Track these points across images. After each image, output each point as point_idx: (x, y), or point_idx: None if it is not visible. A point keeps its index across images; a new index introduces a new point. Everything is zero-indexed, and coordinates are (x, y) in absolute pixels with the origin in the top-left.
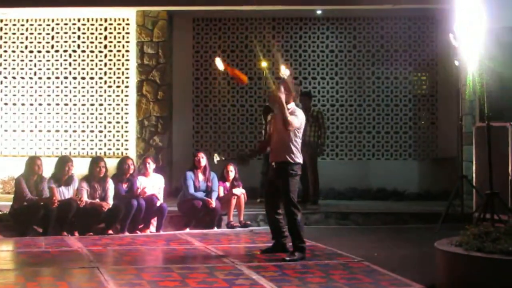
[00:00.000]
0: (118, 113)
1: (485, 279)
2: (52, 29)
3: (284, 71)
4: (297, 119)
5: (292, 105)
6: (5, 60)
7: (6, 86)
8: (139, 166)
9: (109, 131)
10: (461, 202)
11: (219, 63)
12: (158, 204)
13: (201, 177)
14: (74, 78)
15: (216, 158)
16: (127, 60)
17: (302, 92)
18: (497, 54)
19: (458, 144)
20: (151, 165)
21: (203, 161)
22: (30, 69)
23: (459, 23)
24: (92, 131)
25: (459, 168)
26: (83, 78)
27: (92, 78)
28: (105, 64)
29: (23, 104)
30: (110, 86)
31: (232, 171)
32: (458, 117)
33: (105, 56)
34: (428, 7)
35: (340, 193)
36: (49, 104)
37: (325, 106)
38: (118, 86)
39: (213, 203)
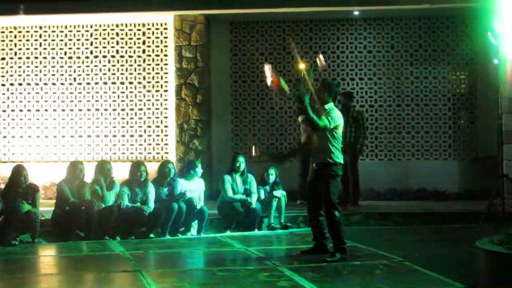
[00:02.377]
0: (157, 117)
1: None
2: (91, 35)
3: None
4: (328, 119)
5: (329, 105)
6: (45, 66)
7: (46, 93)
8: (180, 169)
9: (149, 135)
10: (502, 202)
11: (268, 72)
12: (198, 207)
13: (239, 180)
14: (113, 83)
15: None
16: (165, 64)
17: (342, 93)
18: None
19: (498, 143)
20: (198, 169)
21: (243, 165)
22: (70, 75)
23: (498, 21)
24: (132, 136)
25: (499, 167)
26: (122, 83)
27: (131, 83)
28: (144, 69)
29: (63, 110)
30: (149, 91)
31: (272, 175)
32: (498, 116)
33: (144, 60)
34: (466, 6)
35: (380, 194)
36: (89, 110)
37: (364, 107)
38: (157, 91)
39: (254, 204)
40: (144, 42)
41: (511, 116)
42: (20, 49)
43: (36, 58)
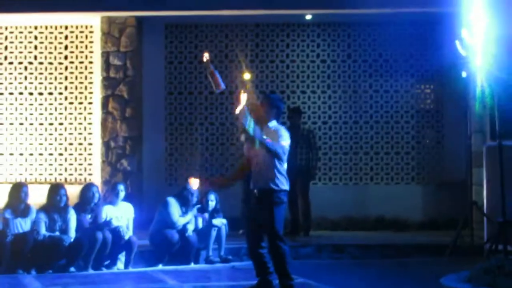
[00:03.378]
0: (80, 133)
1: None
2: (5, 38)
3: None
4: (283, 144)
5: (273, 124)
6: None
7: None
8: (105, 194)
9: (71, 154)
10: (471, 232)
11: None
12: (126, 237)
13: (183, 208)
14: (31, 93)
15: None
16: (90, 72)
17: (291, 108)
18: (509, 63)
19: (467, 166)
20: (122, 192)
21: (195, 200)
22: None
23: (467, 29)
24: (51, 154)
25: (468, 193)
26: (40, 93)
27: (51, 93)
28: (66, 78)
29: None
30: (71, 103)
31: (212, 201)
32: (467, 136)
33: (66, 68)
34: (432, 11)
35: (334, 223)
36: (1, 124)
37: (316, 124)
38: (80, 103)
39: (189, 231)
40: (66, 47)
41: (481, 136)
42: None
43: None
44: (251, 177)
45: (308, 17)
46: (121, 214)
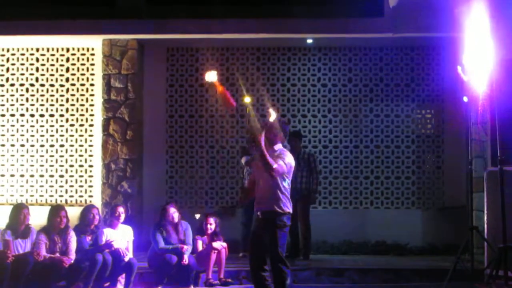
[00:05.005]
0: (81, 155)
1: None
2: (7, 59)
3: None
4: (285, 163)
5: (279, 147)
6: None
7: None
8: (105, 216)
9: (71, 176)
10: (471, 257)
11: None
12: (126, 259)
13: (171, 229)
14: (32, 115)
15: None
16: (91, 95)
17: (290, 132)
18: (510, 88)
19: (468, 191)
20: (122, 215)
21: (176, 217)
22: None
23: (468, 54)
24: (51, 176)
25: (468, 218)
26: (41, 115)
27: (52, 115)
28: (67, 100)
29: None
30: (72, 125)
31: (212, 224)
32: (467, 161)
33: (67, 90)
34: (433, 36)
35: (334, 247)
36: (2, 145)
37: (317, 148)
38: (81, 125)
39: (186, 259)
40: (67, 70)
41: (482, 161)
42: None
43: None
44: (255, 200)
45: (309, 41)
46: (121, 236)
